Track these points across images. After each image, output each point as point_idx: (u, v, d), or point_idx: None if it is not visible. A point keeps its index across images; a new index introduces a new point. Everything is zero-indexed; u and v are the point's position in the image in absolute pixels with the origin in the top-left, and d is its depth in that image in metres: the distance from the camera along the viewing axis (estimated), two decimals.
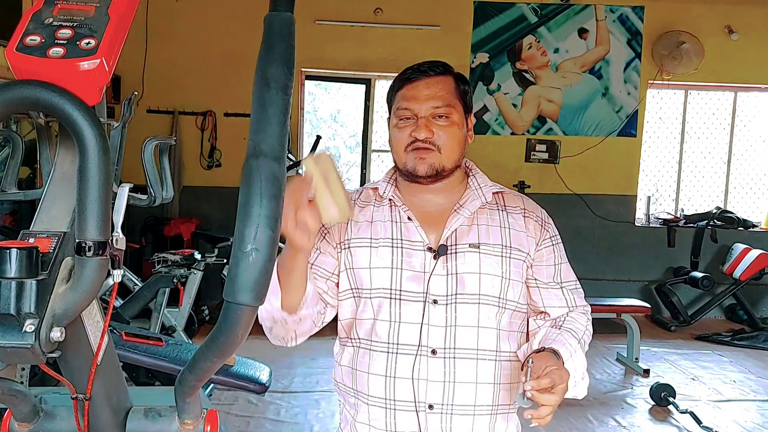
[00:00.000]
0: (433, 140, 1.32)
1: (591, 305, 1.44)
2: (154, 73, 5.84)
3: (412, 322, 1.29)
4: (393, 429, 1.30)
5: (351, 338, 1.36)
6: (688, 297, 6.25)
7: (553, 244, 1.39)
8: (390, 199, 1.38)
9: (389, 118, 1.42)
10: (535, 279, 1.37)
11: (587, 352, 1.34)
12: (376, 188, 1.42)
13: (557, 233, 1.42)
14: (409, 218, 1.35)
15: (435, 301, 1.29)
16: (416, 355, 1.28)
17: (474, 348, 1.29)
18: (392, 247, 1.33)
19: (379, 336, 1.31)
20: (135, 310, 3.91)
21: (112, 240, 0.74)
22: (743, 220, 6.32)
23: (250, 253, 0.67)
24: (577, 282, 1.42)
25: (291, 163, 5.59)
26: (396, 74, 1.41)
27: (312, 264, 1.34)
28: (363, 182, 6.33)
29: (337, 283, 1.37)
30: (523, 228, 1.37)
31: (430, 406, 1.28)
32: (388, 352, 1.30)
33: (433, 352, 1.28)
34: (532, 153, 6.30)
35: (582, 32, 6.21)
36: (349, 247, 1.35)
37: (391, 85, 1.42)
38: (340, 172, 1.16)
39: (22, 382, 2.25)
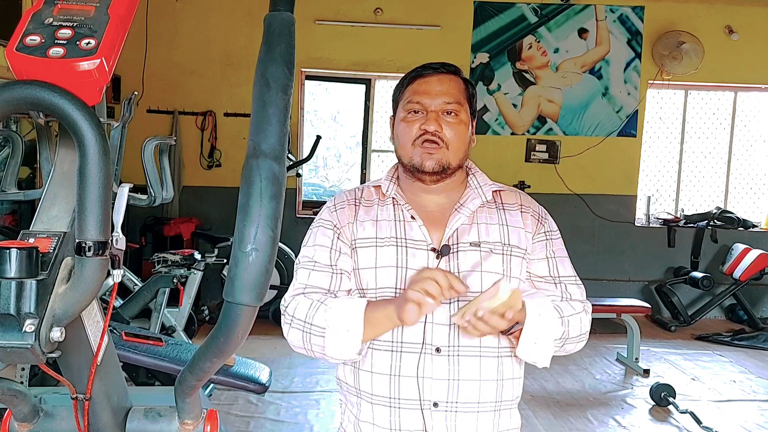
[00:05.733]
0: (442, 135, 1.33)
1: (591, 305, 1.42)
2: (154, 73, 5.84)
3: None
4: (397, 427, 1.30)
5: None
6: (688, 297, 6.25)
7: (547, 239, 1.39)
8: (393, 198, 1.39)
9: (393, 114, 1.42)
10: (530, 273, 1.37)
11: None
12: (378, 186, 1.42)
13: (556, 229, 1.42)
14: (412, 217, 1.35)
15: None
16: (420, 353, 1.29)
17: (477, 345, 1.30)
18: (396, 246, 1.33)
19: (382, 335, 1.31)
20: (135, 310, 3.91)
21: (112, 240, 0.74)
22: (743, 220, 6.32)
23: (250, 253, 0.67)
24: (577, 278, 1.41)
25: (291, 163, 5.59)
26: (396, 74, 1.42)
27: (334, 265, 1.35)
28: (363, 182, 6.33)
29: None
30: (521, 224, 1.37)
31: (435, 404, 1.28)
32: (392, 351, 1.30)
33: (438, 350, 1.29)
34: (532, 153, 6.29)
35: (582, 32, 6.21)
36: (355, 248, 1.35)
37: (399, 83, 1.42)
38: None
39: (22, 382, 2.25)
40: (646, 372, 4.61)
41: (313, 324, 1.25)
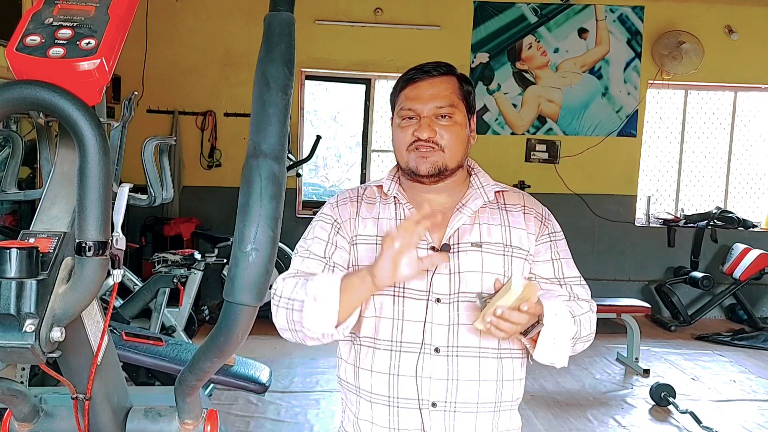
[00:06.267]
0: (436, 140, 1.32)
1: (596, 305, 1.42)
2: (154, 73, 5.84)
3: (415, 320, 1.29)
4: (396, 426, 1.30)
5: (354, 334, 1.35)
6: (688, 297, 6.25)
7: (551, 240, 1.39)
8: (394, 197, 1.39)
9: (392, 117, 1.42)
10: (535, 275, 1.37)
11: (587, 351, 1.34)
12: (381, 186, 1.42)
13: (559, 230, 1.42)
14: None
15: (438, 300, 1.29)
16: (419, 353, 1.29)
17: (476, 346, 1.29)
18: None
19: (382, 334, 1.31)
20: (135, 310, 3.91)
21: (112, 240, 0.74)
22: (743, 220, 6.32)
23: (250, 253, 0.67)
24: (582, 279, 1.41)
25: (291, 163, 5.59)
26: (396, 74, 1.41)
27: (329, 257, 1.34)
28: (363, 182, 6.32)
29: None
30: (523, 225, 1.37)
31: (434, 404, 1.28)
32: (391, 350, 1.30)
33: (437, 350, 1.29)
34: (532, 153, 6.29)
35: (582, 32, 6.21)
36: (356, 244, 1.36)
37: (394, 86, 1.42)
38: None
39: (22, 382, 2.25)
40: (646, 372, 4.61)
41: (295, 299, 1.23)
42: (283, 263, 5.46)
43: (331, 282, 1.21)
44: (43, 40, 0.71)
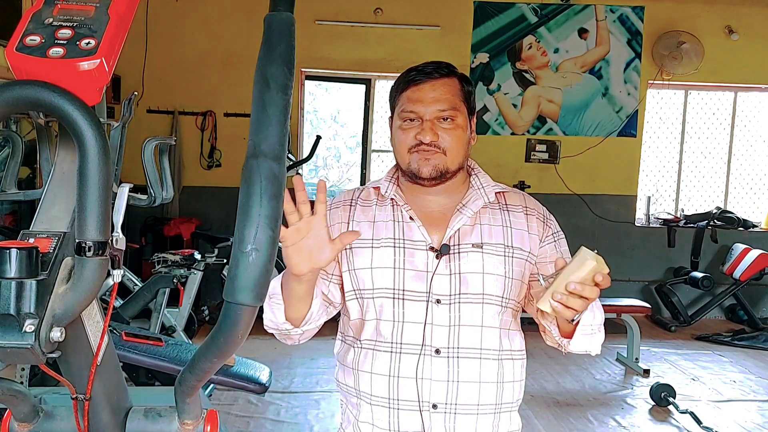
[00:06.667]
0: (438, 143, 1.31)
1: None
2: (154, 73, 5.84)
3: (415, 322, 1.29)
4: (396, 428, 1.30)
5: (356, 339, 1.35)
6: (688, 297, 6.25)
7: (555, 240, 1.39)
8: (392, 199, 1.38)
9: (392, 117, 1.41)
10: (543, 276, 1.36)
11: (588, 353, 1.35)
12: (378, 187, 1.42)
13: (560, 229, 1.43)
14: (411, 218, 1.35)
15: (438, 301, 1.29)
16: (420, 354, 1.28)
17: (477, 347, 1.29)
18: (394, 247, 1.32)
19: (382, 336, 1.30)
20: (135, 310, 3.90)
21: (112, 240, 0.74)
22: (743, 220, 6.32)
23: (250, 253, 0.67)
24: None
25: (291, 163, 5.59)
26: (396, 74, 1.40)
27: None
28: (363, 182, 6.33)
29: (341, 284, 1.37)
30: (525, 226, 1.37)
31: (434, 406, 1.28)
32: (391, 352, 1.30)
33: (437, 351, 1.28)
34: (532, 153, 6.30)
35: (582, 32, 6.21)
36: (351, 248, 1.34)
37: (394, 85, 1.41)
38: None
39: (22, 382, 2.25)
40: (646, 372, 4.61)
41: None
42: (283, 263, 5.46)
43: (277, 279, 1.25)
44: (43, 40, 0.71)
